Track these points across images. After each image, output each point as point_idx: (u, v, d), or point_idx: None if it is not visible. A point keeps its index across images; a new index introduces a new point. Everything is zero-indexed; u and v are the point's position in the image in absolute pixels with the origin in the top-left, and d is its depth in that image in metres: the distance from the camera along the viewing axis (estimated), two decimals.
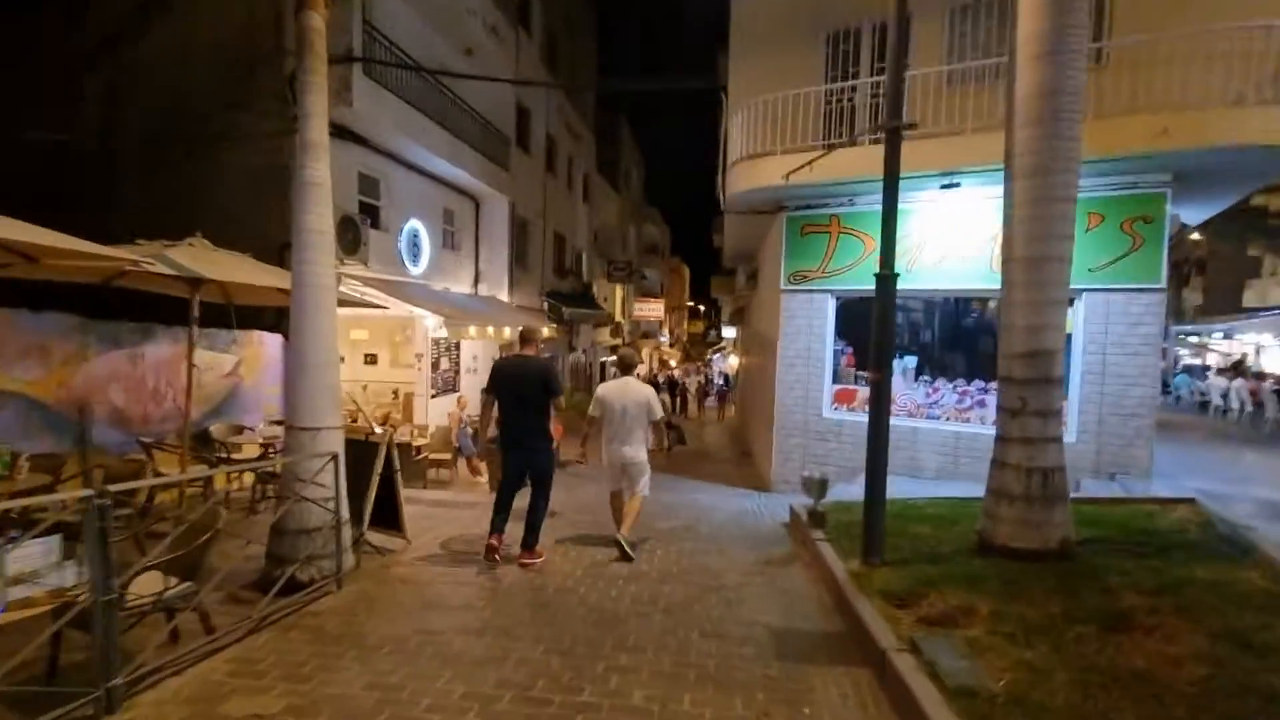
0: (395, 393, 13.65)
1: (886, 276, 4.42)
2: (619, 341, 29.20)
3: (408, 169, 11.17)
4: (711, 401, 27.62)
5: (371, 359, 14.64)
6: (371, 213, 10.31)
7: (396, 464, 5.34)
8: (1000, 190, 7.26)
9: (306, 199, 4.45)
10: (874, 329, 4.54)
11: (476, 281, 14.31)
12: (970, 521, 5.05)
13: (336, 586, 4.14)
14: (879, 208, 7.86)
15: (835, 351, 8.45)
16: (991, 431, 7.75)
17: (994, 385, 7.77)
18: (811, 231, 8.35)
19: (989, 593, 3.54)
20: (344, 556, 4.48)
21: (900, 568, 4.13)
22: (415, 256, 11.46)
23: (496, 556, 4.75)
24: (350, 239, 8.64)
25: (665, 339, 47.87)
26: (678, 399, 22.59)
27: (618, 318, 28.61)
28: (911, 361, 8.11)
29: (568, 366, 21.16)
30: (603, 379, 29.81)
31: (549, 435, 4.97)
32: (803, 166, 7.23)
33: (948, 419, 7.84)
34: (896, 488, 7.56)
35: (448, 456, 10.13)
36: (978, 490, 6.98)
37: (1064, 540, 4.08)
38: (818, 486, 5.42)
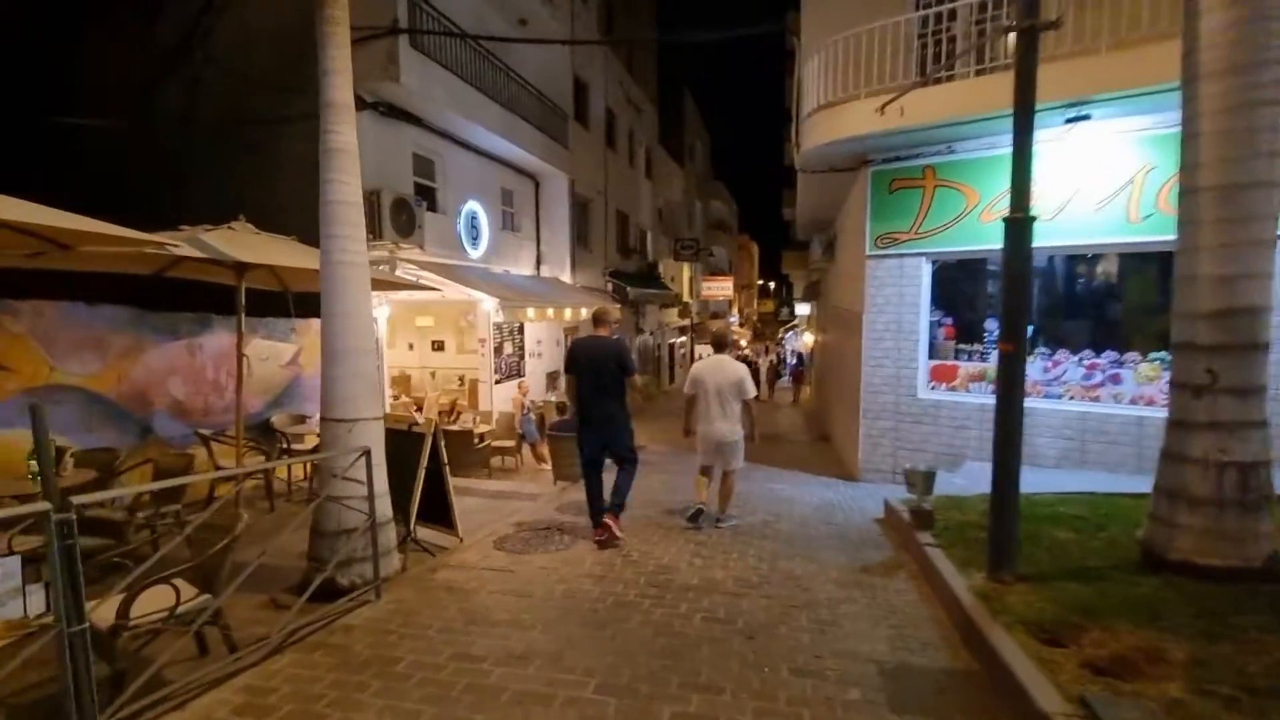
0: (461, 379, 13.56)
1: (1021, 220, 3.52)
2: (687, 322, 28.42)
3: (463, 149, 10.82)
4: (785, 382, 26.48)
5: (439, 345, 14.64)
6: (428, 195, 10.03)
7: (444, 456, 4.92)
8: (1142, 122, 6.08)
9: (330, 166, 4.01)
10: (1005, 288, 3.67)
11: (539, 264, 13.94)
12: (1120, 525, 4.09)
13: (375, 595, 3.74)
14: (985, 154, 6.83)
15: (931, 323, 7.43)
16: (1127, 412, 6.65)
17: (1130, 357, 6.59)
18: (902, 187, 7.33)
19: (1179, 629, 2.67)
20: (386, 560, 4.08)
21: (1041, 586, 3.29)
22: (474, 239, 11.15)
23: (600, 539, 4.86)
24: (405, 221, 8.35)
25: (735, 319, 46.62)
26: None
27: (685, 297, 27.83)
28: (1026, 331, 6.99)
29: (634, 349, 20.65)
30: (672, 362, 29.20)
31: (626, 413, 5.04)
32: (896, 97, 6.24)
33: (1071, 397, 6.70)
34: None
35: (512, 444, 9.82)
36: (1113, 482, 5.93)
37: (1273, 557, 3.12)
38: (923, 481, 4.57)
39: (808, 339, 25.13)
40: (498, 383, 12.08)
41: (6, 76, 8.50)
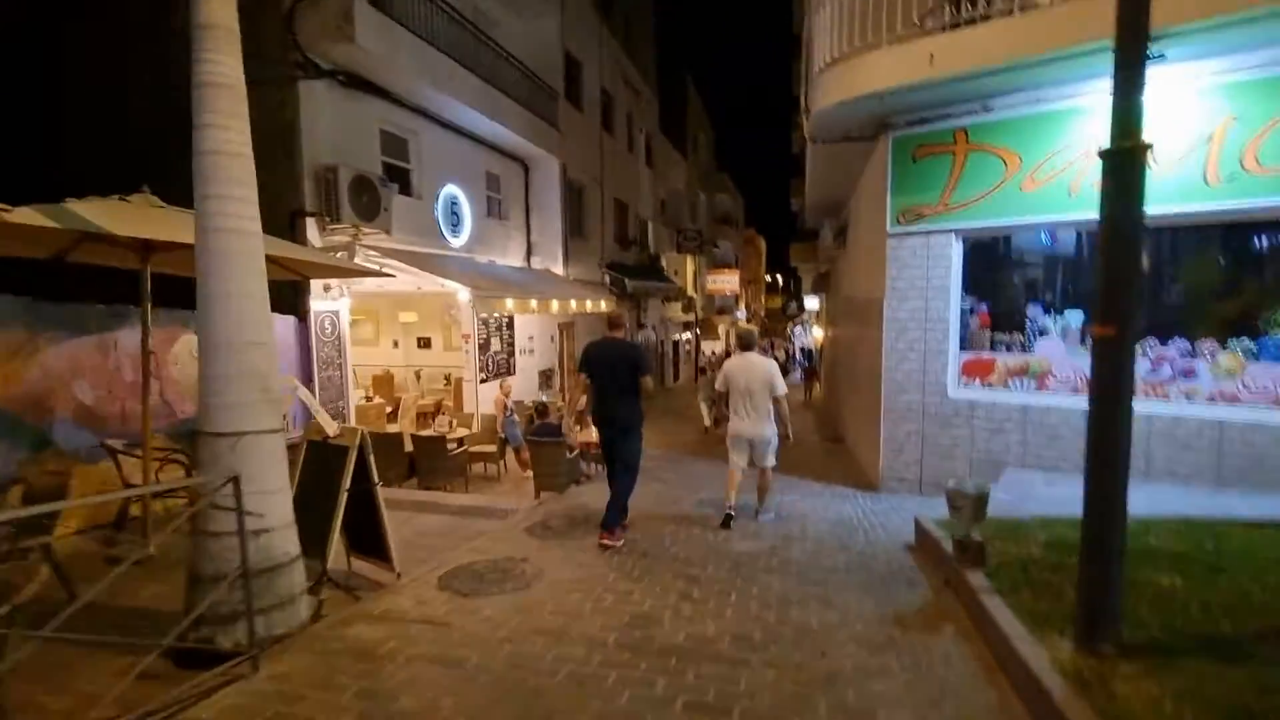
0: (447, 378, 12.69)
1: (1130, 152, 2.55)
2: (691, 317, 27.44)
3: (441, 127, 9.93)
4: (795, 379, 25.50)
5: (425, 342, 13.76)
6: (400, 176, 9.15)
7: (374, 473, 4.01)
8: (1222, 65, 5.07)
9: (206, 105, 3.10)
10: (1104, 249, 2.71)
11: (529, 254, 13.05)
12: (1243, 567, 3.13)
13: (251, 667, 2.83)
14: (1029, 111, 5.80)
15: (963, 310, 6.46)
16: (1202, 412, 5.48)
17: (1206, 346, 5.57)
18: (929, 154, 6.35)
19: None
20: (286, 612, 3.18)
21: (1162, 668, 2.34)
22: (455, 226, 10.25)
23: (604, 543, 4.72)
24: (368, 203, 7.46)
25: (742, 314, 45.59)
26: None
27: (689, 291, 26.86)
28: (1075, 318, 6.00)
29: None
30: (676, 359, 28.22)
31: (639, 417, 5.03)
32: (933, 32, 5.26)
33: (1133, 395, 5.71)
34: (1058, 491, 5.60)
35: (493, 449, 8.92)
36: (1189, 499, 4.86)
37: None
38: (973, 505, 3.60)
39: (817, 333, 24.09)
40: (483, 382, 11.21)
41: None
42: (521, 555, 4.50)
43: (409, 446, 7.74)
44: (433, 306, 11.52)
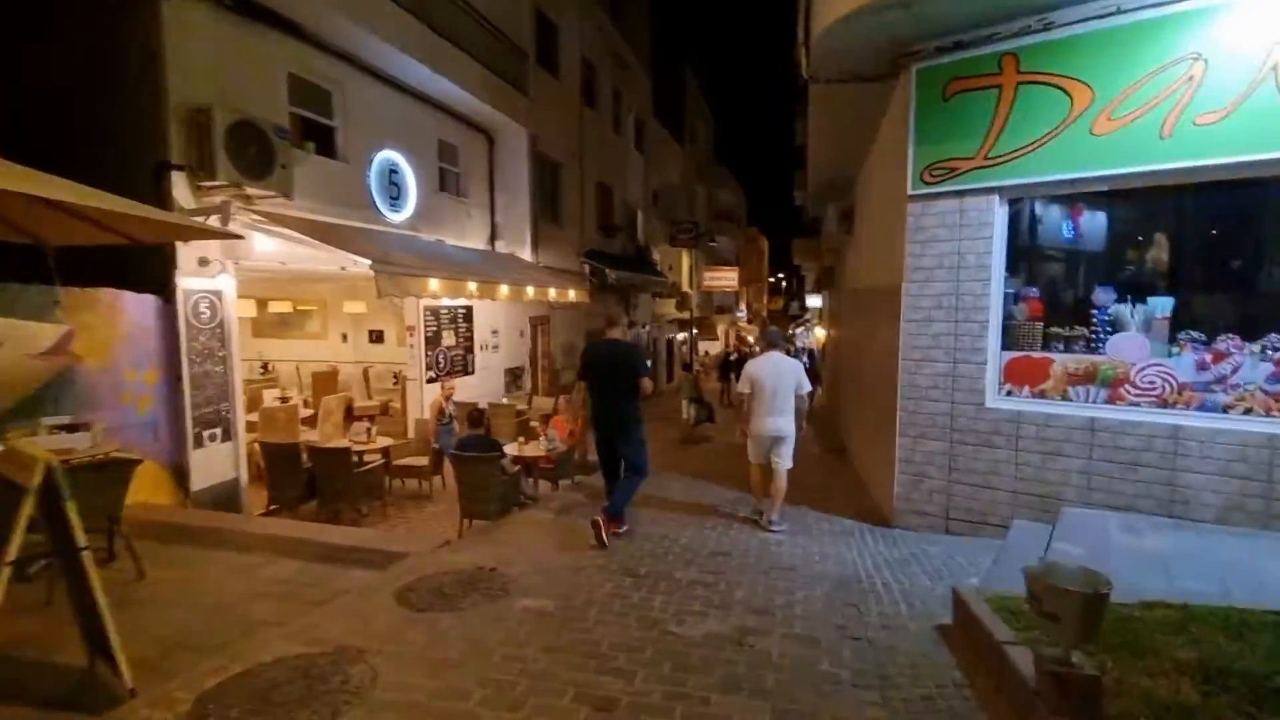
0: (397, 377, 11.21)
1: None
2: (686, 315, 25.89)
3: (377, 80, 8.43)
4: None
5: (377, 336, 12.27)
6: (321, 134, 7.66)
7: (77, 530, 2.49)
8: None
9: None
10: None
11: (494, 237, 11.55)
12: None
13: None
14: (1106, 25, 4.26)
15: (1006, 296, 4.93)
16: None
17: None
18: (965, 89, 4.83)
19: None
20: None
21: None
22: (394, 199, 8.75)
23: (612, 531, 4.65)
24: (255, 156, 5.96)
25: (742, 313, 44.06)
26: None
27: (685, 288, 25.35)
28: (1163, 305, 4.46)
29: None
30: (670, 359, 26.61)
31: (638, 418, 4.97)
32: None
33: (1248, 410, 4.17)
34: (1149, 543, 4.05)
35: (425, 462, 7.42)
36: None
37: None
38: (1081, 613, 2.02)
39: (819, 334, 22.53)
40: (432, 381, 9.73)
41: None
42: (361, 644, 2.99)
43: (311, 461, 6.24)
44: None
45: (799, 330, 38.16)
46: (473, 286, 7.45)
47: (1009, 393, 4.93)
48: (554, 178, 12.98)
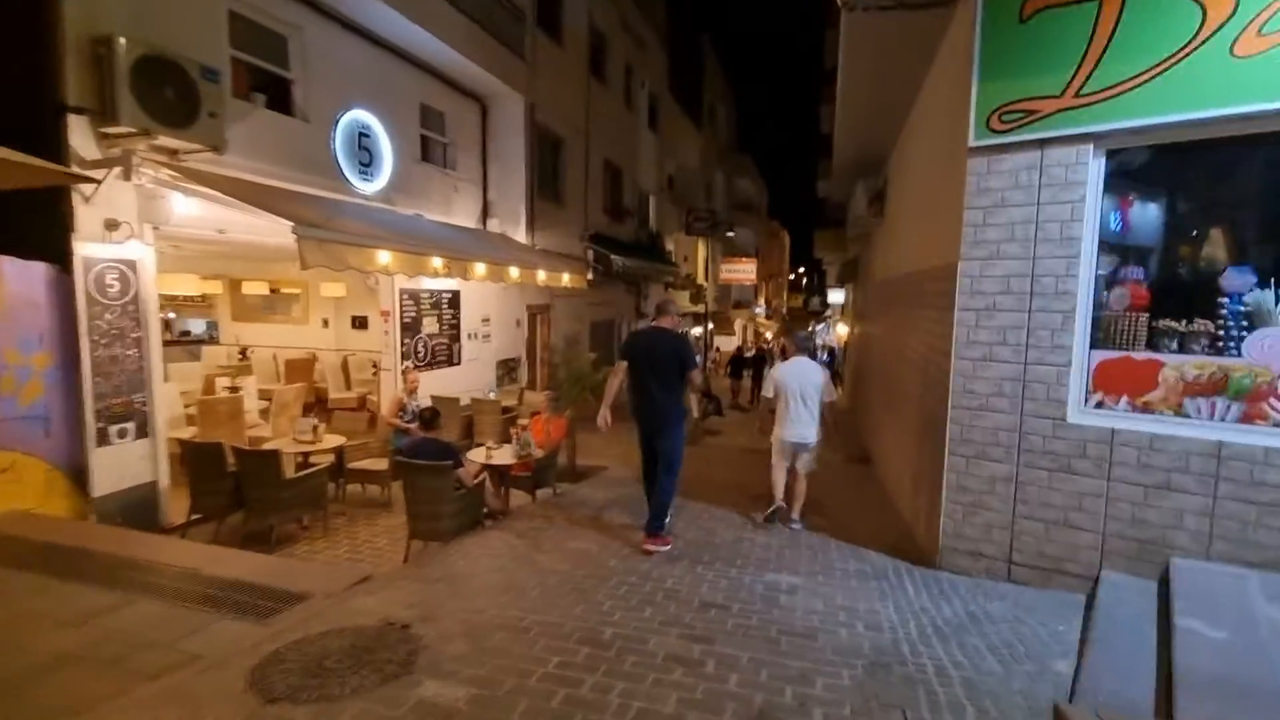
0: (375, 366, 10.28)
1: None
2: (701, 308, 24.73)
3: (346, 30, 7.44)
4: None
5: (360, 322, 11.36)
6: (276, 88, 6.69)
7: None
8: None
9: None
10: None
11: (486, 215, 10.54)
12: None
13: None
14: None
15: (1099, 277, 3.77)
16: None
17: None
18: (1050, 4, 3.67)
19: None
20: None
21: None
22: (366, 167, 7.77)
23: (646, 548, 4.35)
24: (172, 100, 4.97)
25: (761, 309, 42.70)
26: (754, 380, 16.44)
27: (700, 280, 24.17)
28: None
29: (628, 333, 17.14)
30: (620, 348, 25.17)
31: (680, 412, 4.77)
32: None
33: None
34: None
35: (384, 466, 6.44)
36: None
37: None
38: None
39: (840, 330, 21.24)
40: (410, 372, 8.77)
41: None
42: None
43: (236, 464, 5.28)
44: (354, 277, 9.09)
45: (819, 327, 36.74)
46: (437, 263, 6.40)
47: (1100, 404, 3.78)
48: (555, 153, 11.92)
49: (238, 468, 5.19)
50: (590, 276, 12.63)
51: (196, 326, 13.14)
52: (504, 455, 5.81)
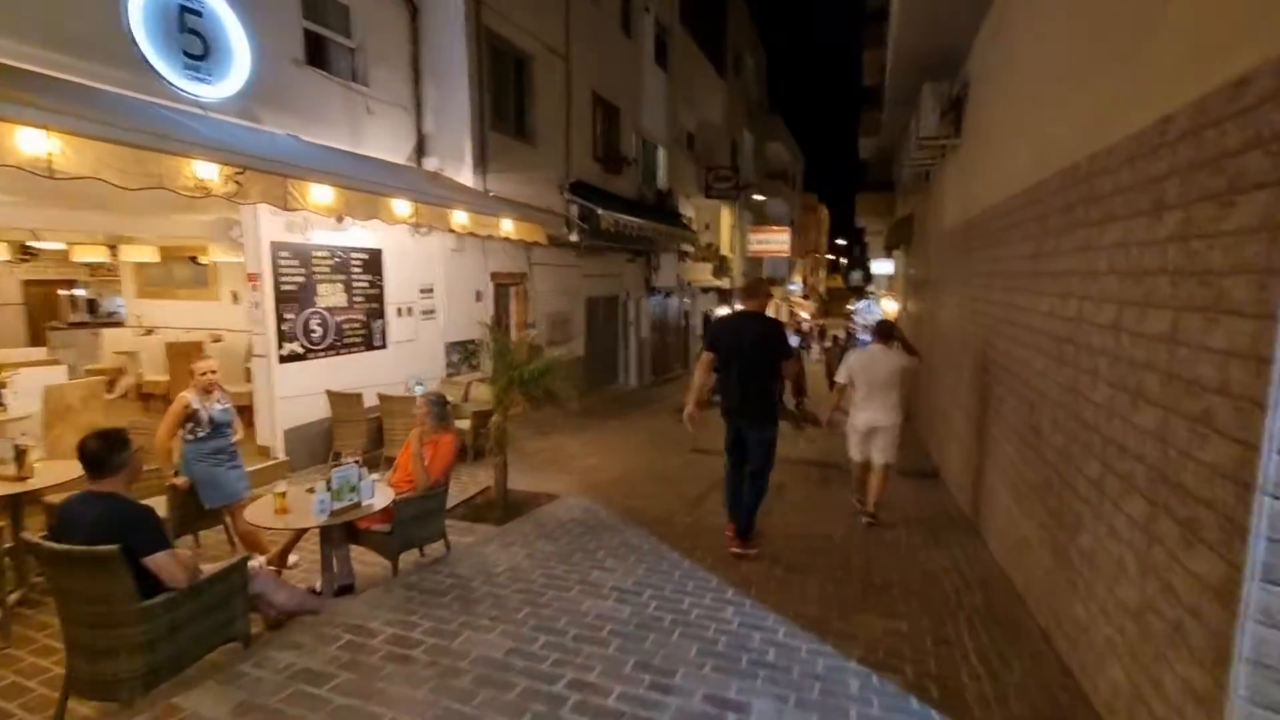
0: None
1: None
2: (725, 283, 21.85)
3: None
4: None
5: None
6: None
7: None
8: None
9: None
10: None
11: (421, 151, 8.01)
12: None
13: None
14: None
15: None
16: None
17: None
18: None
19: None
20: None
21: None
22: (197, 60, 5.29)
23: (734, 550, 4.24)
24: None
25: (796, 286, 39.41)
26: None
27: (725, 251, 21.29)
28: None
29: (645, 310, 14.50)
30: (705, 335, 22.49)
31: (775, 410, 4.46)
32: None
33: None
34: None
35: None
36: None
37: None
38: None
39: (887, 306, 18.12)
40: (292, 360, 6.45)
41: None
42: None
43: None
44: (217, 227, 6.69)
45: (860, 305, 33.18)
46: (324, 193, 3.80)
47: None
48: (520, 75, 9.26)
49: None
50: (573, 236, 10.04)
51: (118, 305, 11.14)
52: (294, 515, 3.27)
